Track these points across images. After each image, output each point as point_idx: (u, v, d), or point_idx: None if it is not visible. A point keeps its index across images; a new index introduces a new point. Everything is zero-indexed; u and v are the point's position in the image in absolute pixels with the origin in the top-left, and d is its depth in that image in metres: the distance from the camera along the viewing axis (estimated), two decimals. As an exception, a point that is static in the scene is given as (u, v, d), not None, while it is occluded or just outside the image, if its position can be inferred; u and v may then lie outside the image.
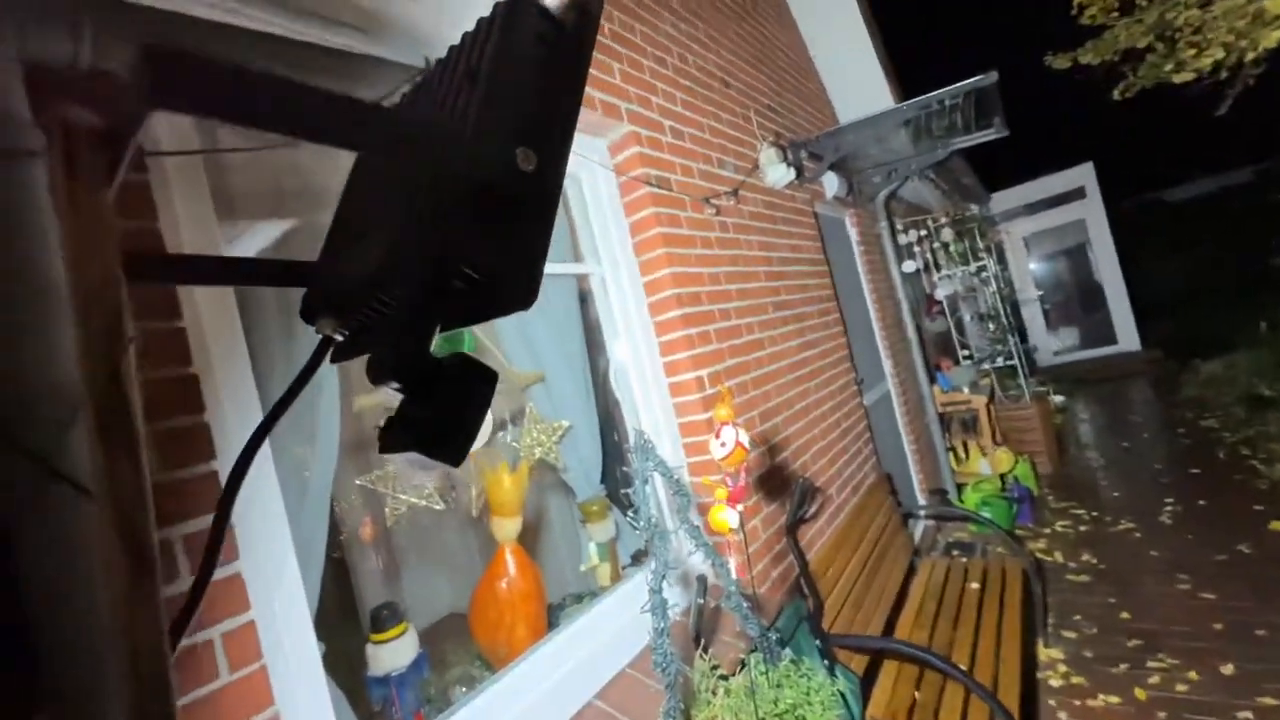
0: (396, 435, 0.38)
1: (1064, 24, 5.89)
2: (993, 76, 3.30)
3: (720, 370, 2.39)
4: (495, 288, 0.37)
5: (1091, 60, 5.77)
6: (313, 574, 1.35)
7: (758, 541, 2.32)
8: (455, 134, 0.37)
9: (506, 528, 1.78)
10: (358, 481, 1.74)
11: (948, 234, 5.67)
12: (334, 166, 1.57)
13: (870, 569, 2.99)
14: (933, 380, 5.10)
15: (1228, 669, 2.51)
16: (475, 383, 0.37)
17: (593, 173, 2.20)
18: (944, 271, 5.77)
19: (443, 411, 0.36)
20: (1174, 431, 5.79)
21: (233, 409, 1.10)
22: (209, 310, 1.12)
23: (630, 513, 1.36)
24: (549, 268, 2.05)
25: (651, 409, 2.25)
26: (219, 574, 0.99)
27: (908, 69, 5.20)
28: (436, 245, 0.35)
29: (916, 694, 2.27)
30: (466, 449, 0.38)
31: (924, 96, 3.44)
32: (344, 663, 1.56)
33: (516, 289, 0.37)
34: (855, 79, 4.84)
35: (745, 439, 1.45)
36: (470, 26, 1.01)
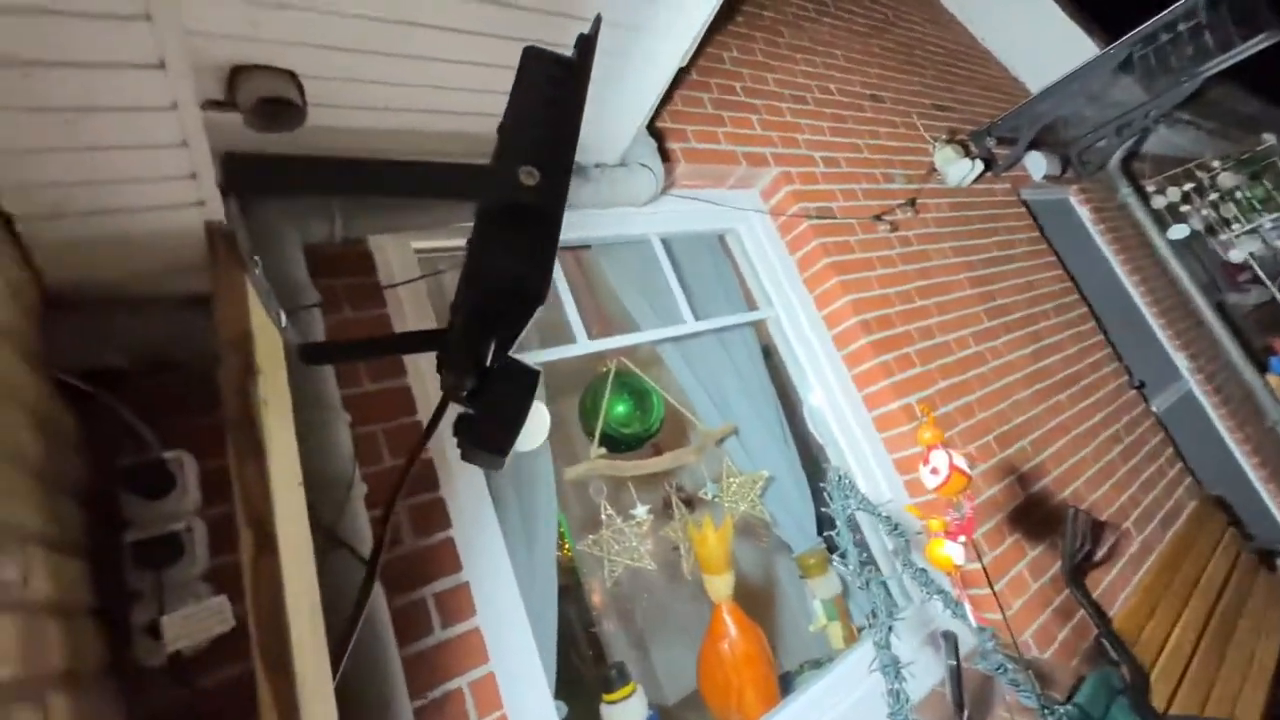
0: (462, 440, 0.42)
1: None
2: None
3: (933, 394, 2.12)
4: (521, 291, 0.40)
5: None
6: (545, 635, 1.47)
7: (1026, 593, 1.91)
8: (481, 170, 0.43)
9: (718, 585, 1.75)
10: (579, 547, 1.88)
11: (1228, 179, 4.39)
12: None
13: (1217, 628, 2.24)
14: (1264, 369, 3.84)
15: None
16: (517, 382, 0.41)
17: (749, 222, 2.23)
18: (1238, 229, 4.43)
19: (491, 409, 0.40)
20: None
21: (464, 486, 1.30)
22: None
23: (836, 557, 1.24)
24: (724, 319, 2.09)
25: (858, 447, 2.07)
26: (461, 628, 1.14)
27: (1109, 12, 4.37)
28: (476, 268, 0.40)
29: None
30: (510, 443, 0.41)
31: (1139, 29, 2.84)
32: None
33: (538, 288, 0.41)
34: (1045, 45, 4.21)
35: (963, 462, 1.25)
36: (614, 136, 1.16)
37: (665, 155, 1.94)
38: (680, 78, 2.14)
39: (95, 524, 0.88)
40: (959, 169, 2.75)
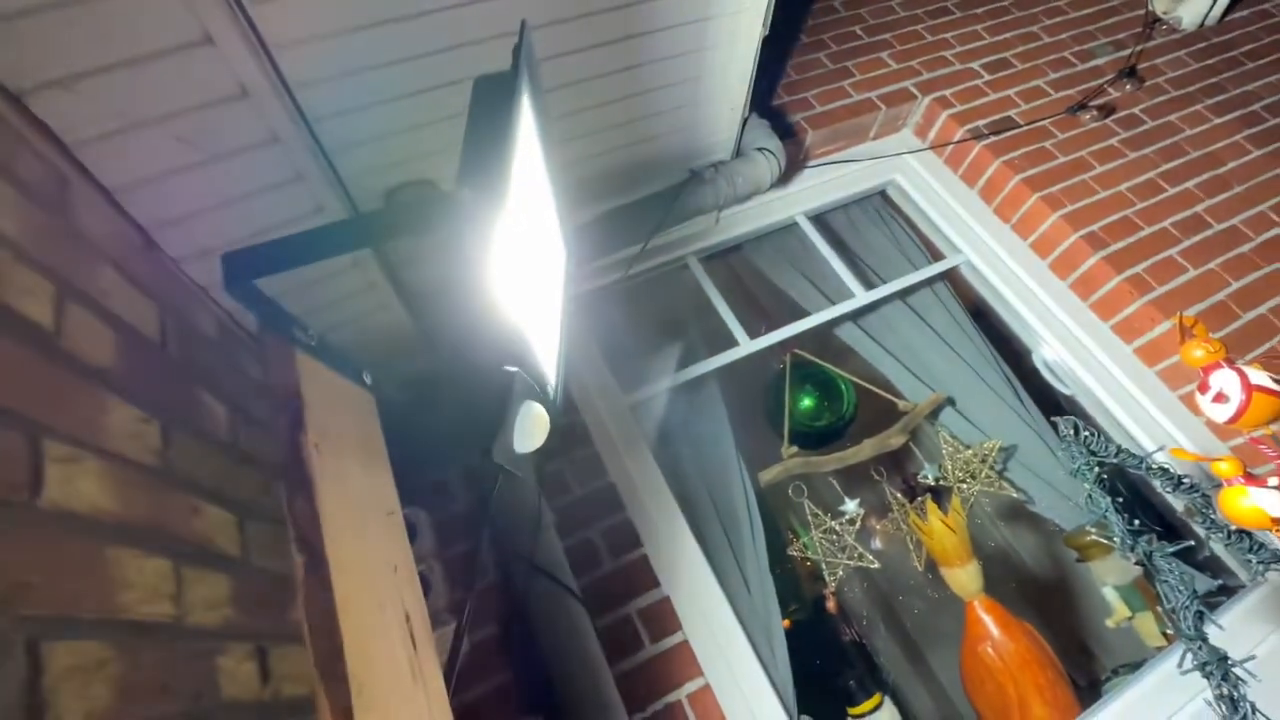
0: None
1: None
2: None
3: (1225, 298, 1.61)
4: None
5: None
6: (771, 645, 1.41)
7: None
8: (436, 200, 0.45)
9: (960, 578, 1.51)
10: (790, 552, 1.80)
11: None
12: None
13: None
14: None
15: None
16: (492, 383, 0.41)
17: (906, 167, 1.98)
18: None
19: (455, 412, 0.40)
20: None
21: (650, 501, 1.35)
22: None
23: (1094, 528, 0.99)
24: (905, 280, 1.85)
25: (1121, 392, 1.65)
26: (669, 642, 1.17)
27: None
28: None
29: None
30: (490, 438, 0.41)
31: None
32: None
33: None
34: None
35: (1264, 378, 0.92)
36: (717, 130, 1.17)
37: (790, 130, 1.84)
38: (789, 48, 2.03)
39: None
40: (1197, 3, 2.09)
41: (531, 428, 0.55)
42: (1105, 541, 1.46)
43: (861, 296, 1.81)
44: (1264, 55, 2.14)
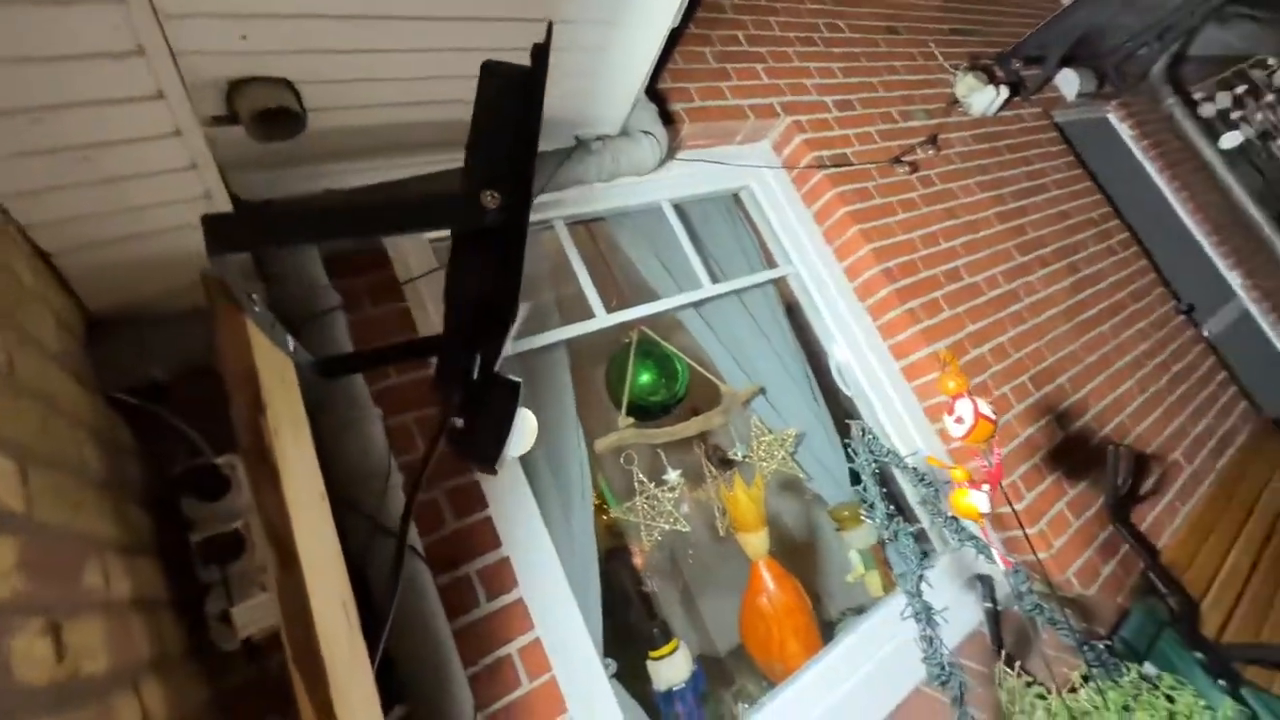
0: (455, 450, 0.45)
1: None
2: None
3: (962, 338, 2.08)
4: (492, 311, 0.42)
5: None
6: (589, 599, 1.53)
7: (1067, 530, 1.89)
8: (446, 199, 0.44)
9: (753, 542, 1.79)
10: (612, 513, 1.94)
11: (1288, 76, 4.02)
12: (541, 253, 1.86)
13: (1276, 550, 2.18)
14: (1330, 279, 3.59)
15: None
16: (501, 395, 0.42)
17: (762, 178, 2.18)
18: (1301, 128, 4.07)
19: (478, 421, 0.42)
20: None
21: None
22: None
23: (865, 509, 1.26)
24: (742, 280, 2.07)
25: (887, 398, 2.05)
26: (505, 599, 1.21)
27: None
28: (450, 290, 0.42)
29: None
30: (498, 452, 0.43)
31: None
32: (641, 679, 1.73)
33: (506, 308, 0.42)
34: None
35: (988, 409, 1.24)
36: (611, 105, 1.14)
37: (669, 118, 1.90)
38: (679, 34, 2.08)
39: (162, 527, 0.95)
40: (983, 98, 2.61)
41: (524, 431, 0.53)
42: (862, 516, 1.84)
43: (708, 288, 1.98)
44: (1016, 151, 2.75)
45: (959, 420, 1.24)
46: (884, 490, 1.28)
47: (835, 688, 1.54)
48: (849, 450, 1.31)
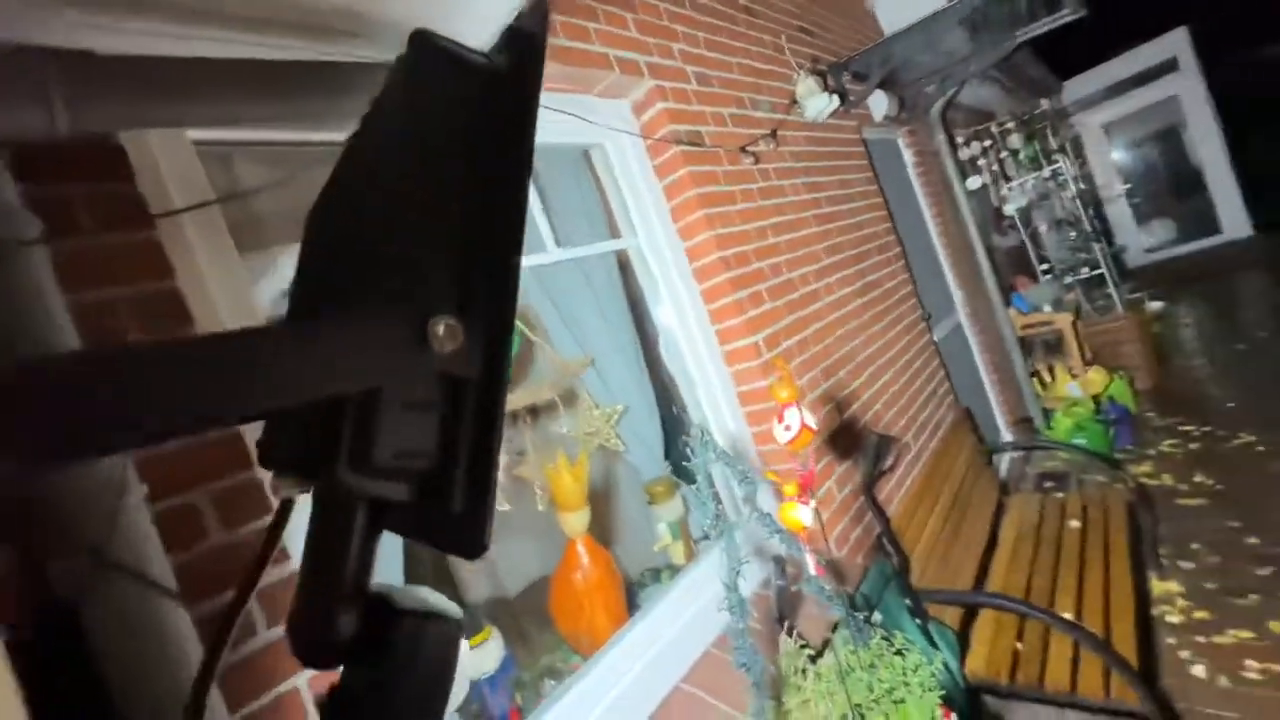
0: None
1: None
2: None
3: (778, 330, 2.25)
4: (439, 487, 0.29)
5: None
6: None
7: (833, 504, 2.23)
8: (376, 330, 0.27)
9: (573, 522, 1.77)
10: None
11: (1015, 140, 5.11)
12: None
13: (956, 515, 2.85)
14: (1008, 303, 4.73)
15: (1382, 595, 2.26)
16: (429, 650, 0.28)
17: (618, 140, 2.06)
18: (1013, 183, 5.24)
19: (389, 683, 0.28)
20: (1298, 326, 5.17)
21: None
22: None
23: (690, 489, 1.30)
24: (585, 249, 1.96)
25: (708, 382, 2.15)
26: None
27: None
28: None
29: (1019, 645, 2.16)
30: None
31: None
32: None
33: (473, 541, 0.28)
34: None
35: (812, 419, 1.35)
36: (459, 16, 0.88)
37: (530, 50, 1.66)
38: (549, -49, 1.81)
39: None
40: (818, 102, 2.79)
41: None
42: (672, 491, 1.94)
43: (554, 253, 1.83)
44: (834, 159, 3.03)
45: (787, 427, 1.33)
46: (714, 489, 1.33)
47: (640, 658, 1.62)
48: (688, 449, 1.34)
